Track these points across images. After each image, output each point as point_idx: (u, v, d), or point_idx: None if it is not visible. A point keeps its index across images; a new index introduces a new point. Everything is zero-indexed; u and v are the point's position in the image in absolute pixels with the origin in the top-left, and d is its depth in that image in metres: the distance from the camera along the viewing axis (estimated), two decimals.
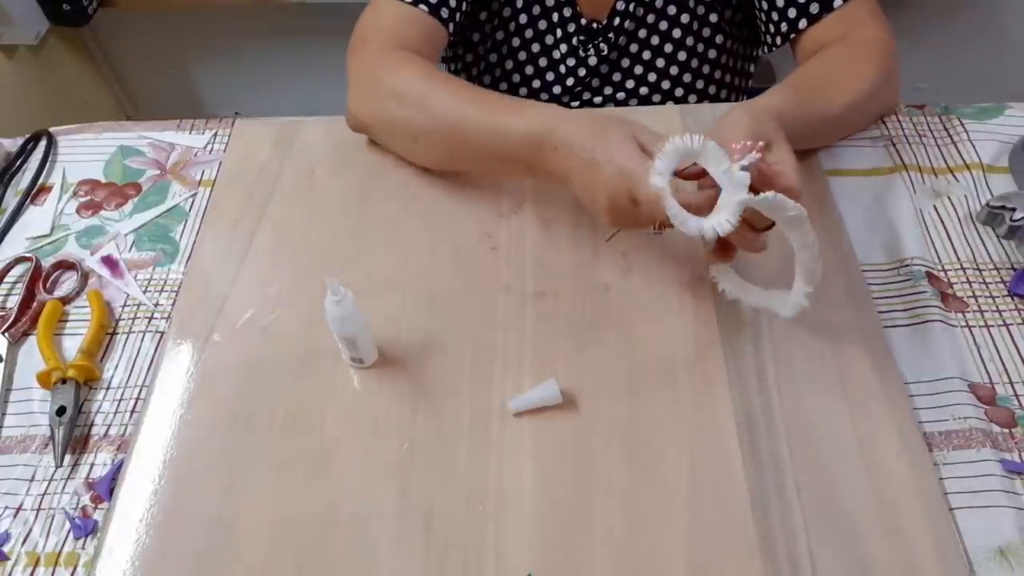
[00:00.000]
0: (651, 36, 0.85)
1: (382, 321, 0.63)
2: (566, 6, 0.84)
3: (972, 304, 0.64)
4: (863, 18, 0.74)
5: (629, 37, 0.85)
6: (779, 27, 0.78)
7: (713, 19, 0.85)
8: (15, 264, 0.71)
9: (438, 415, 0.59)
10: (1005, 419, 0.57)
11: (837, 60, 0.73)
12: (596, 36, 0.85)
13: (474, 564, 0.51)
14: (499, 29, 0.87)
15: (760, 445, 0.56)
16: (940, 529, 0.52)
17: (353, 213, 0.72)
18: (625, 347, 0.62)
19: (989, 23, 1.55)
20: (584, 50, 0.85)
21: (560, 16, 0.84)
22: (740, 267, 0.63)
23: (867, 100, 0.72)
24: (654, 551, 0.51)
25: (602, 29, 0.84)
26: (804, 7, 0.75)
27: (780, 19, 0.77)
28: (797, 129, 0.62)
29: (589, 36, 0.85)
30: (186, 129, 0.82)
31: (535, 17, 0.85)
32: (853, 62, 0.72)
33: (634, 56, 0.86)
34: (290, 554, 0.53)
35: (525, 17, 0.85)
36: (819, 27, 0.75)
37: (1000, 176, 0.73)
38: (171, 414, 0.60)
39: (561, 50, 0.86)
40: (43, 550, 0.54)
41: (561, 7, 0.84)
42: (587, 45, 0.85)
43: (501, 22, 0.87)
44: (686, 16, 0.84)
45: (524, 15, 0.85)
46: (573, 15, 0.84)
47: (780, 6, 0.77)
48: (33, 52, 1.43)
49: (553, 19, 0.85)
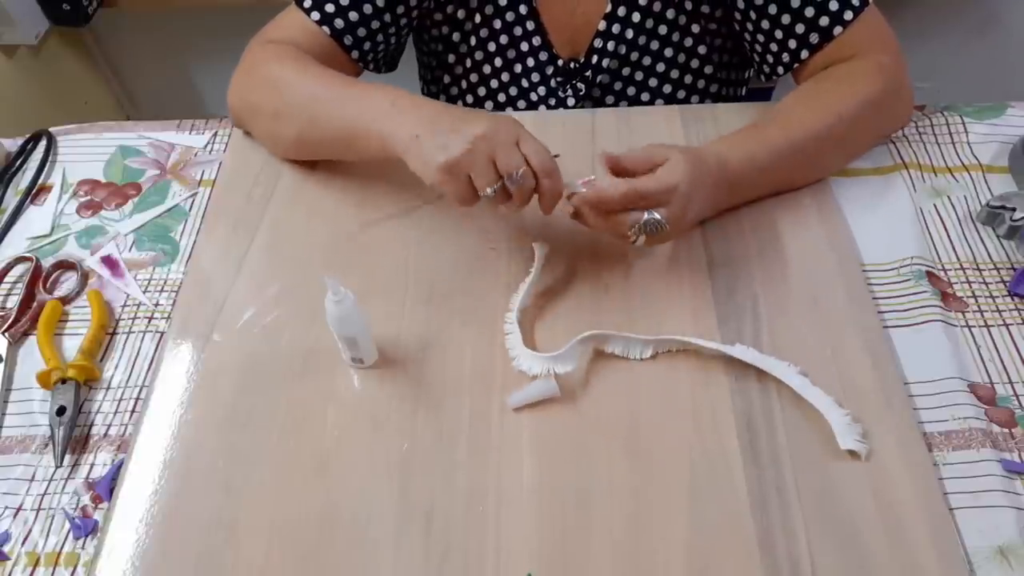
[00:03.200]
0: (634, 72, 0.82)
1: (382, 321, 0.63)
2: (541, 50, 0.81)
3: (972, 304, 0.64)
4: (864, 43, 0.72)
5: (610, 75, 0.82)
6: (780, 58, 0.75)
7: (702, 50, 0.81)
8: (15, 264, 0.71)
9: (438, 415, 0.59)
10: (1005, 419, 0.57)
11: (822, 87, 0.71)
12: (574, 76, 0.82)
13: (474, 564, 0.51)
14: (472, 72, 0.85)
15: (760, 445, 0.56)
16: (940, 529, 0.52)
17: (353, 213, 0.72)
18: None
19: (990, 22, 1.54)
20: (563, 91, 0.83)
21: (535, 60, 0.82)
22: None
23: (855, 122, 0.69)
24: (654, 551, 0.51)
25: (579, 68, 0.82)
26: (805, 37, 0.72)
27: (780, 50, 0.75)
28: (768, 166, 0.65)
29: (566, 76, 0.82)
30: (186, 129, 0.82)
31: (510, 61, 0.82)
32: (838, 87, 0.70)
33: (617, 93, 0.84)
34: (290, 554, 0.53)
35: (500, 60, 0.83)
36: (821, 56, 0.73)
37: (1000, 176, 0.73)
38: (171, 414, 0.60)
39: (540, 92, 0.83)
40: (43, 550, 0.54)
41: (537, 51, 0.81)
42: (565, 86, 0.83)
43: (474, 65, 0.84)
44: (670, 50, 0.81)
45: (499, 58, 0.82)
46: (549, 58, 0.81)
47: (779, 38, 0.74)
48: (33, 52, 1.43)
49: (528, 63, 0.82)
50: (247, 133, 0.79)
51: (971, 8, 1.53)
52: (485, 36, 0.81)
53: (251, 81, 0.74)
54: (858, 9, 0.70)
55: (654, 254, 0.68)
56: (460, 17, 0.81)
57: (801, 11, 0.71)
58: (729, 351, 0.59)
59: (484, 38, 0.81)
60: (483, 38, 0.81)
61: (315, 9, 0.74)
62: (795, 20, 0.72)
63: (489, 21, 0.80)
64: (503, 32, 0.80)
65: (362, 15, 0.75)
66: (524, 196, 0.59)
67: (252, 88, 0.74)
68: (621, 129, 0.78)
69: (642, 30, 0.79)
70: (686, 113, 0.79)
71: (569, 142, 0.77)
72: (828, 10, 0.71)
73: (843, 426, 0.55)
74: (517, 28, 0.80)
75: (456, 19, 0.81)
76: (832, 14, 0.71)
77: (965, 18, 1.54)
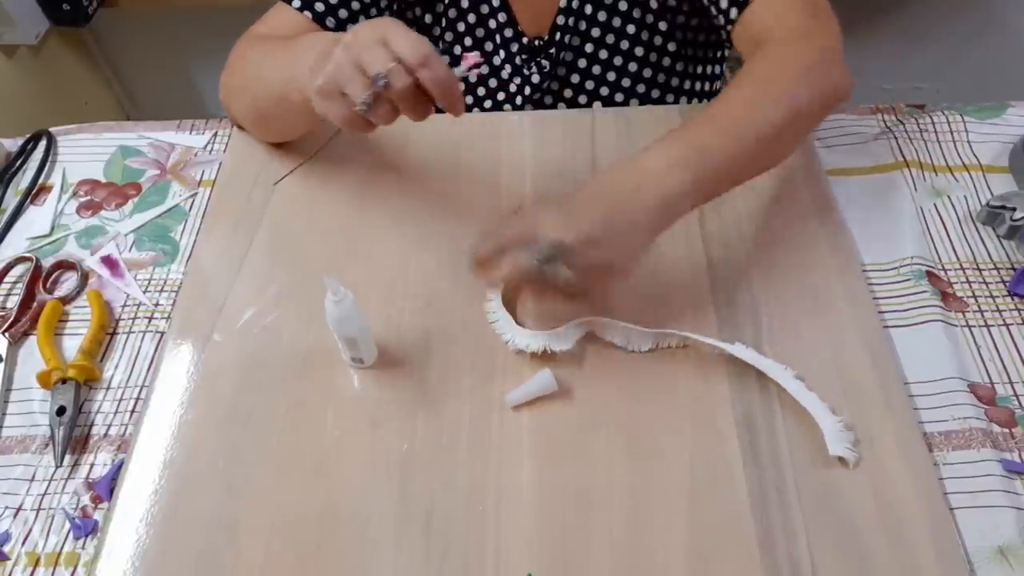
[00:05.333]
0: (598, 50, 0.82)
1: (382, 321, 0.63)
2: (507, 26, 0.81)
3: (972, 304, 0.64)
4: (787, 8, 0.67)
5: (574, 52, 0.82)
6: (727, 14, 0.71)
7: (663, 27, 0.81)
8: (15, 264, 0.71)
9: (438, 415, 0.59)
10: (1005, 419, 0.57)
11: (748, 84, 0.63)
12: (538, 53, 0.82)
13: (474, 564, 0.51)
14: (444, 53, 0.85)
15: (760, 445, 0.56)
16: (940, 529, 0.52)
17: (353, 213, 0.72)
18: (625, 348, 0.62)
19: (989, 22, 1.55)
20: (528, 68, 0.83)
21: (502, 36, 0.82)
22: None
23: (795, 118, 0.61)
24: (654, 551, 0.51)
25: (543, 46, 0.82)
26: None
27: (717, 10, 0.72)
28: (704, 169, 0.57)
29: (531, 54, 0.83)
30: (186, 129, 0.82)
31: (480, 40, 0.83)
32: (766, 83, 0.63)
33: (582, 71, 0.83)
34: (290, 554, 0.53)
35: (470, 40, 0.83)
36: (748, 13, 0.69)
37: (1000, 176, 0.73)
38: (171, 414, 0.60)
39: (507, 70, 0.84)
40: (43, 550, 0.54)
41: (503, 27, 0.82)
42: (529, 64, 0.83)
43: (446, 47, 0.85)
44: (632, 27, 0.80)
45: (468, 37, 0.83)
46: (515, 34, 0.82)
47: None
48: (33, 52, 1.43)
49: (496, 40, 0.83)
50: (240, 127, 0.80)
51: (971, 8, 1.53)
52: (454, 16, 0.83)
53: (232, 69, 0.76)
54: None
55: (654, 254, 0.67)
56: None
57: None
58: (728, 349, 0.59)
59: (453, 18, 0.83)
60: (452, 18, 0.83)
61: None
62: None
63: (458, 1, 0.82)
64: (471, 11, 0.82)
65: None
66: (403, 99, 0.53)
67: (230, 74, 0.75)
68: (621, 129, 0.78)
69: (601, 5, 0.79)
70: (686, 113, 0.79)
71: (569, 142, 0.77)
72: None
73: (834, 432, 0.55)
74: (484, 6, 0.81)
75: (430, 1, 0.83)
76: None
77: (965, 18, 1.54)
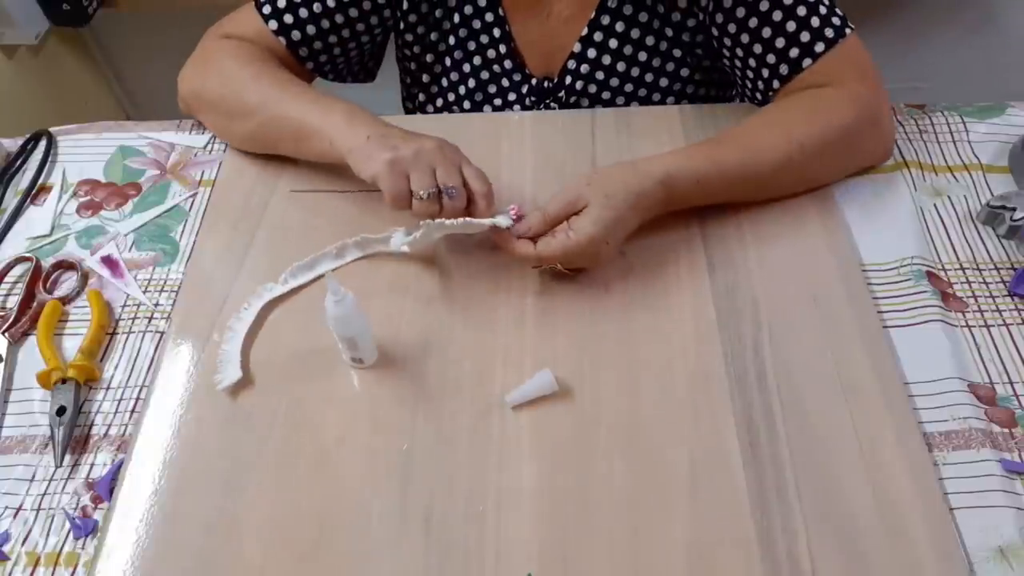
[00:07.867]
0: (614, 97, 0.81)
1: (382, 321, 0.63)
2: (513, 72, 0.81)
3: (972, 304, 0.64)
4: (838, 74, 0.70)
5: (580, 95, 0.81)
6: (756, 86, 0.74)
7: (684, 73, 0.80)
8: (15, 264, 0.71)
9: (438, 415, 0.59)
10: (1005, 419, 0.57)
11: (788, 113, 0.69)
12: (548, 95, 0.82)
13: (474, 564, 0.51)
14: (449, 91, 0.85)
15: (760, 445, 0.56)
16: (940, 529, 0.52)
17: (353, 213, 0.72)
18: (625, 348, 0.62)
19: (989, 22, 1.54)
20: (537, 109, 0.82)
21: (509, 80, 0.82)
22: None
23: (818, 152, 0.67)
24: (654, 551, 0.51)
25: (553, 88, 0.82)
26: (776, 68, 0.71)
27: (756, 78, 0.73)
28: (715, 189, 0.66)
29: (540, 95, 0.82)
30: (186, 129, 0.82)
31: (484, 81, 0.83)
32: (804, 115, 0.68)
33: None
34: (290, 554, 0.53)
35: (474, 82, 0.83)
36: (796, 84, 0.71)
37: (1000, 176, 0.73)
38: (171, 414, 0.60)
39: (515, 110, 0.83)
40: (43, 550, 0.54)
41: (510, 72, 0.81)
42: (538, 105, 0.82)
43: (450, 85, 0.84)
44: (650, 75, 0.80)
45: (472, 79, 0.82)
46: (523, 78, 0.81)
47: (754, 67, 0.72)
48: (33, 52, 1.43)
49: (503, 84, 0.82)
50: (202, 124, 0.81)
51: (970, 8, 1.53)
52: (459, 58, 0.82)
53: (206, 74, 0.76)
54: (831, 41, 0.69)
55: (654, 254, 0.67)
56: (433, 39, 0.82)
57: (772, 41, 0.70)
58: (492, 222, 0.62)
59: (458, 60, 0.82)
60: (457, 60, 0.82)
61: (266, 3, 0.76)
62: (766, 50, 0.71)
63: (463, 44, 0.81)
64: (476, 54, 0.81)
65: (311, 13, 0.75)
66: (452, 212, 0.62)
67: (206, 82, 0.75)
68: (621, 129, 0.78)
69: (620, 56, 0.79)
70: (685, 113, 0.79)
71: (569, 142, 0.77)
72: (799, 41, 0.69)
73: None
74: (490, 51, 0.81)
75: (429, 41, 0.82)
76: (803, 45, 0.69)
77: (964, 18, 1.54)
